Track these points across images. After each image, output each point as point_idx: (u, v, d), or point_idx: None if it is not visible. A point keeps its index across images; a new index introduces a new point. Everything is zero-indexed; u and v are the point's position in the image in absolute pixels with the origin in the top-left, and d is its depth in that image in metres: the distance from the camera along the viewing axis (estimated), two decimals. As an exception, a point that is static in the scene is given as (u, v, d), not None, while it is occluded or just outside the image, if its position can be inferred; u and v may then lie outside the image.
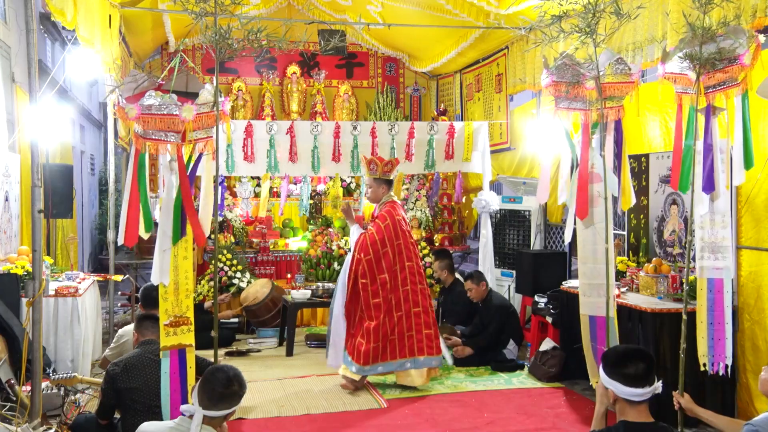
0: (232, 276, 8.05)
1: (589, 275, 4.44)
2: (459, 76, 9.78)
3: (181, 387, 3.72)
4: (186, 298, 3.81)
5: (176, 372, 3.72)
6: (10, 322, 4.81)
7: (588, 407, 5.34)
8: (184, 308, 3.80)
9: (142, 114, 3.61)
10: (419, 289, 5.90)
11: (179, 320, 3.76)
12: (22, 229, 6.44)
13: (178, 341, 3.77)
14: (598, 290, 4.41)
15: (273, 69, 9.88)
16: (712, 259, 4.11)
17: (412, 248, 5.93)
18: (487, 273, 7.67)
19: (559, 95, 4.36)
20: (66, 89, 9.74)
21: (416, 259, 5.96)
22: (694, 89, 4.05)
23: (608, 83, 4.32)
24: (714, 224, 4.10)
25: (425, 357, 5.81)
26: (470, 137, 8.18)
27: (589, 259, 4.47)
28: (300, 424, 5.10)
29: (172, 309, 3.76)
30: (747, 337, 4.89)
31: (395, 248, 5.85)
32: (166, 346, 3.73)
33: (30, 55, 4.16)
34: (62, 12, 4.84)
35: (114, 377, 3.79)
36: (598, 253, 4.42)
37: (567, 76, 4.28)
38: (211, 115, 3.79)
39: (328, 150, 7.81)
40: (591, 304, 4.46)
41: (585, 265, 4.45)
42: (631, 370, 2.71)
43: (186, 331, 3.79)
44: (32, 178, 4.15)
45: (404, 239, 5.90)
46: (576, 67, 4.30)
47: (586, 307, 4.45)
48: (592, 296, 4.45)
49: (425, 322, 5.86)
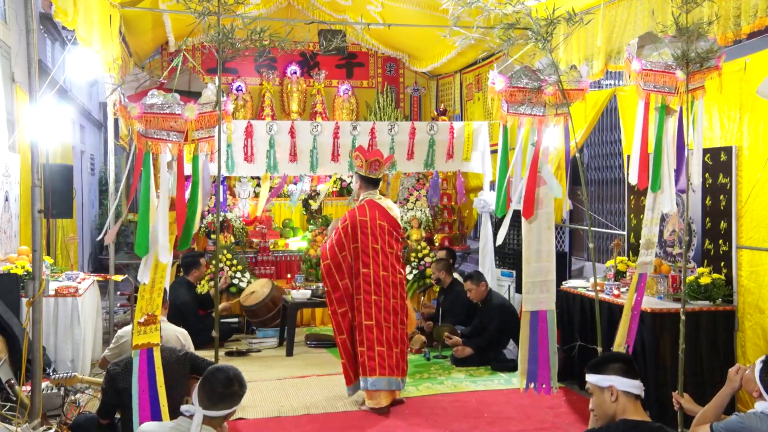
0: (232, 276, 8.05)
1: (533, 274, 4.56)
2: (459, 76, 9.78)
3: (150, 387, 3.64)
4: (158, 296, 3.75)
5: (144, 372, 3.64)
6: (10, 322, 4.81)
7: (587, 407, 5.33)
8: (154, 306, 3.75)
9: (144, 113, 3.60)
10: (374, 301, 5.29)
11: (150, 318, 3.70)
12: (22, 229, 6.44)
13: (147, 340, 3.70)
14: (541, 287, 4.55)
15: (273, 69, 9.87)
16: (645, 255, 4.28)
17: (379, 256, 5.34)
18: (487, 273, 7.67)
19: (513, 101, 4.37)
20: (66, 89, 9.73)
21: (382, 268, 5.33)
22: (671, 88, 4.09)
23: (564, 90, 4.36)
24: (652, 222, 4.23)
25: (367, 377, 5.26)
26: (470, 137, 8.18)
27: (532, 258, 4.58)
28: (300, 424, 5.10)
29: (146, 306, 3.71)
30: (747, 337, 4.89)
31: (352, 252, 5.36)
32: (137, 345, 3.66)
33: (30, 55, 4.16)
34: (65, 12, 4.84)
35: (114, 377, 3.79)
36: (542, 253, 4.56)
37: (524, 81, 4.31)
38: (214, 115, 3.79)
39: (327, 150, 7.80)
40: (534, 300, 4.58)
41: (529, 264, 4.57)
42: (623, 364, 2.81)
43: (153, 330, 3.72)
44: (32, 178, 4.15)
45: (363, 243, 5.34)
46: (535, 73, 4.33)
47: (529, 304, 4.57)
48: (535, 293, 4.58)
49: (377, 339, 5.27)
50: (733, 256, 5.02)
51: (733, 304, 5.03)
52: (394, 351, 5.34)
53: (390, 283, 5.37)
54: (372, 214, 5.40)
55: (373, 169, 5.51)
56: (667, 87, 4.09)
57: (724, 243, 5.12)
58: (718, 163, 5.14)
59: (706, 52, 3.96)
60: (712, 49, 3.98)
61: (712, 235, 5.25)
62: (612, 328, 5.32)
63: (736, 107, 5.01)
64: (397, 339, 5.38)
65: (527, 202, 4.41)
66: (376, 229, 5.37)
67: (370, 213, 5.40)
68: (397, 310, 5.39)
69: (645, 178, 4.13)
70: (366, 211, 5.41)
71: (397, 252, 5.50)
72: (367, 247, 5.35)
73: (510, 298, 7.57)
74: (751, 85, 4.74)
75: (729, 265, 5.07)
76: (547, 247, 4.55)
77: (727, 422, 3.17)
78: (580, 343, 5.54)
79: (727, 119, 5.12)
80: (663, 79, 4.08)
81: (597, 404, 2.84)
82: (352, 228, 5.36)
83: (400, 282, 5.46)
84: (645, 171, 4.13)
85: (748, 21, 4.38)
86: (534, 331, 4.56)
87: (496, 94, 4.34)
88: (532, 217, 4.47)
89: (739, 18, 4.44)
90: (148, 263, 3.71)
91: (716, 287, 5.04)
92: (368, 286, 5.31)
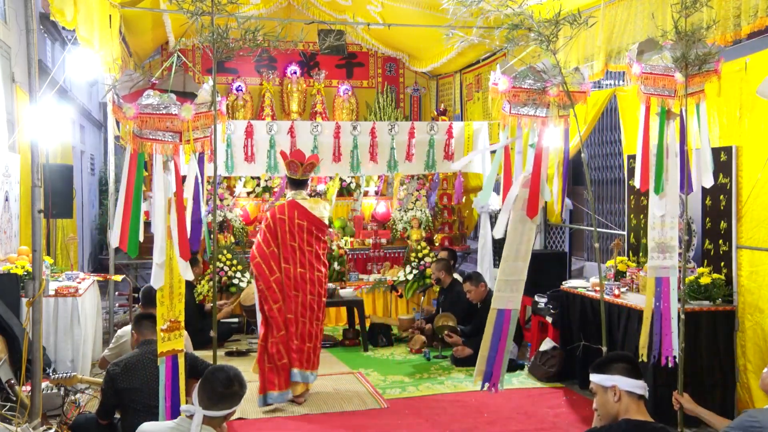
0: (232, 276, 8.04)
1: (508, 272, 4.55)
2: (459, 76, 9.78)
3: (172, 392, 3.64)
4: (179, 302, 3.74)
5: (170, 379, 3.65)
6: (10, 322, 4.81)
7: (587, 407, 5.34)
8: (176, 312, 3.73)
9: (140, 113, 3.58)
10: (293, 296, 5.51)
11: (174, 325, 3.69)
12: (22, 229, 6.44)
13: (172, 347, 3.69)
14: (512, 286, 4.56)
15: (273, 69, 9.87)
16: (661, 259, 4.22)
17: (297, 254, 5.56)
18: (487, 273, 7.67)
19: (516, 101, 4.38)
20: (66, 89, 9.74)
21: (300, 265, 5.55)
22: (671, 90, 4.09)
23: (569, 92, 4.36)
24: (664, 225, 4.19)
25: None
26: (471, 138, 8.19)
27: (510, 257, 4.57)
28: (300, 424, 5.10)
29: (168, 313, 3.69)
30: (748, 337, 4.89)
31: (277, 248, 5.57)
32: (163, 352, 3.66)
33: (30, 55, 4.16)
34: (62, 12, 4.84)
35: (114, 377, 3.79)
36: (521, 252, 4.56)
37: (529, 82, 4.32)
38: (209, 115, 3.78)
39: (328, 150, 7.81)
40: (503, 299, 4.58)
41: (506, 262, 4.56)
42: (626, 364, 2.82)
43: (177, 336, 3.72)
44: (32, 178, 4.15)
45: (282, 240, 5.56)
46: (540, 74, 4.33)
47: (498, 302, 4.56)
48: (506, 291, 4.57)
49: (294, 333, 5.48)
50: (733, 256, 5.02)
51: (733, 304, 5.03)
52: (307, 345, 5.54)
53: (308, 279, 5.57)
54: (291, 214, 5.62)
55: (292, 170, 5.72)
56: (667, 90, 4.12)
57: (724, 243, 5.12)
58: (718, 163, 5.13)
59: (704, 55, 3.97)
60: (710, 52, 3.99)
61: (712, 235, 5.25)
62: (612, 328, 5.33)
63: (736, 107, 5.01)
64: (311, 335, 5.58)
65: (532, 201, 4.39)
66: (294, 228, 5.60)
67: (288, 212, 5.63)
68: (314, 307, 5.59)
69: (647, 181, 4.14)
70: (285, 210, 5.64)
71: (317, 250, 5.69)
72: (286, 244, 5.57)
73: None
74: (751, 85, 4.74)
75: (729, 265, 5.07)
76: (526, 246, 4.54)
77: (738, 421, 3.13)
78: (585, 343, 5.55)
79: (727, 119, 5.12)
80: (662, 82, 4.11)
81: (600, 404, 2.84)
82: (273, 226, 5.62)
83: (318, 279, 5.64)
84: (647, 174, 4.14)
85: (748, 21, 4.39)
86: (497, 330, 4.59)
87: (497, 95, 4.35)
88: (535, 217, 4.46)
89: (739, 18, 4.44)
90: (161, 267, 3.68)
91: (716, 287, 5.04)
92: (288, 281, 5.53)
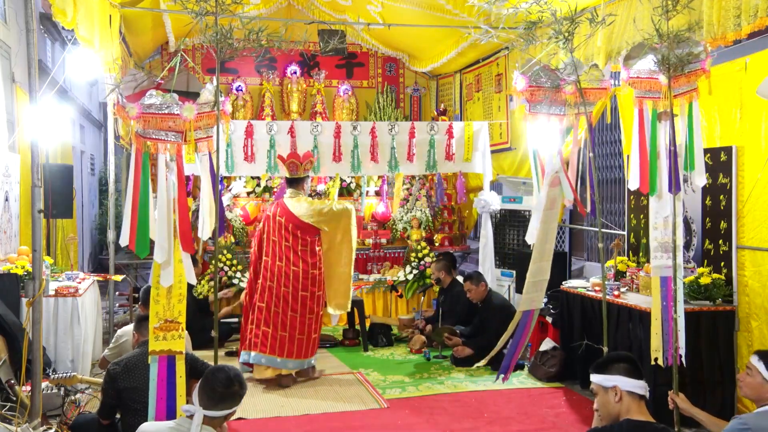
0: (232, 276, 8.05)
1: (535, 272, 4.60)
2: (459, 76, 9.78)
3: (168, 396, 3.61)
4: (179, 303, 3.71)
5: (164, 379, 3.61)
6: (10, 322, 4.81)
7: (588, 407, 5.34)
8: (176, 313, 3.69)
9: (142, 113, 3.59)
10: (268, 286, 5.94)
11: (169, 325, 3.66)
12: (22, 229, 6.44)
13: (167, 347, 3.65)
14: (536, 286, 4.63)
15: (273, 69, 9.87)
16: (665, 259, 4.23)
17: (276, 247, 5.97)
18: (487, 273, 7.67)
19: (534, 100, 4.40)
20: (66, 89, 9.73)
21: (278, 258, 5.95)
22: (659, 93, 4.11)
23: (585, 89, 4.38)
24: (666, 225, 4.21)
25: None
26: (471, 138, 8.19)
27: (537, 257, 4.60)
28: (300, 424, 5.10)
29: (163, 312, 3.66)
30: (754, 337, 4.86)
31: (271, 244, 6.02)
32: (155, 351, 3.63)
33: (30, 55, 4.16)
34: (63, 12, 4.83)
35: (115, 377, 3.79)
36: (546, 252, 4.62)
37: (543, 81, 4.33)
38: (212, 115, 3.79)
39: (328, 150, 7.82)
40: (529, 300, 4.62)
41: (534, 264, 4.59)
42: (627, 364, 2.83)
43: (176, 337, 3.67)
44: (32, 178, 4.14)
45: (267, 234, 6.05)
46: (554, 72, 4.34)
47: (525, 304, 4.60)
48: (532, 293, 4.63)
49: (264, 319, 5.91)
50: (733, 256, 5.02)
51: (733, 304, 5.03)
52: (280, 334, 5.88)
53: (283, 273, 5.93)
54: (274, 211, 6.11)
55: (292, 170, 6.14)
56: (655, 93, 4.15)
57: (724, 243, 5.12)
58: (718, 163, 5.14)
59: (686, 56, 3.97)
60: (692, 53, 3.99)
61: (712, 235, 5.25)
62: (612, 328, 5.32)
63: (736, 107, 5.01)
64: (285, 324, 5.90)
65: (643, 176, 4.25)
66: (275, 224, 6.05)
67: (273, 210, 6.15)
68: (288, 299, 5.91)
69: (645, 182, 4.16)
70: (271, 208, 6.18)
71: (295, 246, 5.98)
72: (269, 239, 6.05)
73: (510, 298, 7.57)
74: (751, 85, 4.74)
75: (729, 265, 5.07)
76: (549, 246, 4.60)
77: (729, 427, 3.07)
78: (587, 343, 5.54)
79: (727, 119, 5.12)
80: (649, 85, 4.14)
81: (601, 404, 2.84)
82: (262, 223, 6.18)
83: (294, 274, 5.94)
84: (645, 176, 4.16)
85: (748, 21, 4.38)
86: (521, 329, 4.65)
87: (517, 94, 4.39)
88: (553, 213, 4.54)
89: (739, 18, 4.44)
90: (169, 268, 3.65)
91: (716, 287, 5.04)
92: (266, 272, 5.97)
